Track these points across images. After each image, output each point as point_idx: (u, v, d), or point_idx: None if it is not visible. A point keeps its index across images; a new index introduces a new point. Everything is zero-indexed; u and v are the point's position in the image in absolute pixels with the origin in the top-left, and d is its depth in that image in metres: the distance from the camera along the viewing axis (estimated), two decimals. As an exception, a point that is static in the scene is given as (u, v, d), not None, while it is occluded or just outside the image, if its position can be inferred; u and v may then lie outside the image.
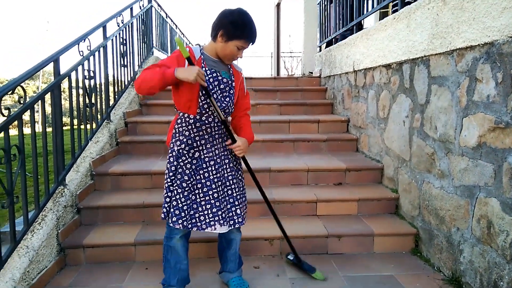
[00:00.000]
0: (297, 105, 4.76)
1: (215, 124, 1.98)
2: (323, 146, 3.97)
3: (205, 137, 1.98)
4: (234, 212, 2.05)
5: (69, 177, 2.86)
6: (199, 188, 1.98)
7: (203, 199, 1.98)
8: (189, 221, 1.99)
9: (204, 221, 1.98)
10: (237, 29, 1.86)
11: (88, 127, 3.24)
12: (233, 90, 2.02)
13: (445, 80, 2.39)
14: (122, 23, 4.11)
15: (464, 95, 2.20)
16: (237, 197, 2.06)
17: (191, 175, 1.97)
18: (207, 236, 2.57)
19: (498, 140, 1.93)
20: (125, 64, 4.24)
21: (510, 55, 1.82)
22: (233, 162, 2.10)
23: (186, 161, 1.97)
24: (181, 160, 1.96)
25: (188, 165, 1.97)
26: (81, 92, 3.08)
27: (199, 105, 1.92)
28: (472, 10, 2.07)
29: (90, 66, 3.21)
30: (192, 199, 1.99)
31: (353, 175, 3.36)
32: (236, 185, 2.07)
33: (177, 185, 1.96)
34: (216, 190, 1.99)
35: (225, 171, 2.04)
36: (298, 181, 3.34)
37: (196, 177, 1.98)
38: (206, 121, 1.95)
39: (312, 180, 3.34)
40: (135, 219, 2.88)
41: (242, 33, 1.87)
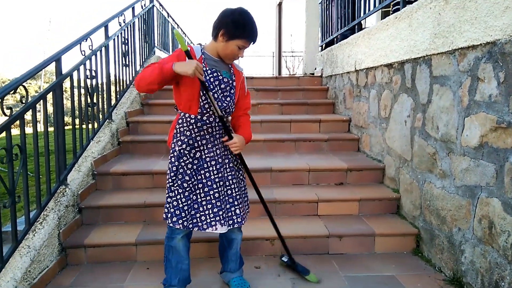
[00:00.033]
0: (298, 104, 4.75)
1: (216, 124, 1.97)
2: (325, 146, 3.96)
3: (206, 137, 1.98)
4: (233, 212, 2.05)
5: (70, 176, 2.87)
6: (200, 188, 1.99)
7: (204, 199, 1.99)
8: (190, 221, 1.99)
9: (205, 221, 1.99)
10: (238, 28, 1.85)
11: (90, 126, 3.25)
12: (234, 90, 2.02)
13: (447, 79, 2.38)
14: (124, 22, 4.11)
15: (466, 94, 2.19)
16: (237, 197, 2.06)
17: (192, 175, 1.97)
18: (208, 236, 2.57)
19: (500, 140, 1.92)
20: (127, 63, 4.24)
21: (512, 54, 1.82)
22: (233, 162, 2.10)
23: (187, 161, 1.97)
24: (182, 160, 1.96)
25: (189, 165, 1.97)
26: (82, 91, 3.08)
27: (200, 105, 1.92)
28: (474, 10, 2.06)
29: (92, 65, 3.22)
30: (193, 199, 1.99)
31: (354, 175, 3.35)
32: (236, 185, 2.07)
33: (178, 185, 1.96)
34: (217, 190, 1.99)
35: (226, 171, 2.04)
36: (299, 181, 3.34)
37: (197, 177, 1.98)
38: (207, 121, 1.95)
39: (313, 180, 3.34)
40: (136, 219, 2.89)
41: (243, 33, 1.87)
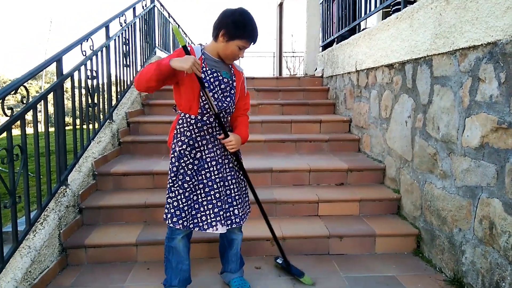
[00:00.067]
0: (299, 105, 4.75)
1: (216, 124, 1.98)
2: (325, 146, 3.96)
3: (206, 137, 1.98)
4: (232, 212, 2.05)
5: (71, 177, 2.87)
6: (201, 188, 1.99)
7: (205, 199, 1.99)
8: (191, 221, 1.99)
9: (206, 221, 1.99)
10: (238, 28, 1.85)
11: (91, 127, 3.25)
12: (234, 90, 2.02)
13: (447, 80, 2.38)
14: (125, 23, 4.11)
15: (467, 95, 2.18)
16: (236, 197, 2.06)
17: (193, 175, 1.97)
18: (208, 236, 2.57)
19: (500, 141, 1.92)
20: (128, 64, 4.25)
21: (513, 55, 1.82)
22: (233, 162, 2.10)
23: (188, 162, 1.97)
24: (182, 161, 1.96)
25: (190, 166, 1.97)
26: (83, 92, 3.09)
27: (200, 105, 1.92)
28: (476, 10, 2.06)
29: (92, 66, 3.22)
30: (194, 199, 1.99)
31: (355, 176, 3.35)
32: (235, 185, 2.07)
33: (179, 186, 1.96)
34: (218, 190, 1.99)
35: (225, 171, 2.04)
36: (300, 181, 3.33)
37: (198, 178, 1.98)
38: (207, 121, 1.95)
39: (314, 180, 3.34)
40: (136, 219, 2.89)
41: (243, 33, 1.87)
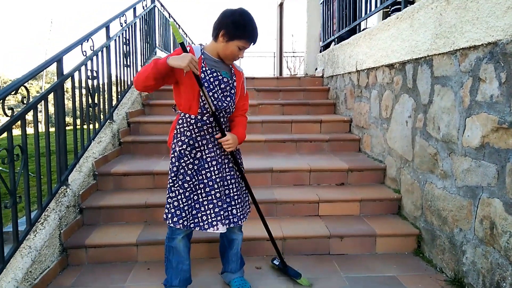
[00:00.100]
0: (299, 105, 4.75)
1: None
2: (326, 146, 3.96)
3: (206, 137, 1.98)
4: (230, 212, 2.05)
5: (71, 177, 2.87)
6: (201, 188, 1.99)
7: (205, 199, 1.99)
8: (191, 221, 1.99)
9: (206, 221, 1.99)
10: (238, 29, 1.85)
11: (91, 127, 3.25)
12: (234, 90, 2.02)
13: (448, 80, 2.38)
14: (125, 23, 4.11)
15: (467, 95, 2.18)
16: (234, 197, 2.06)
17: (193, 175, 1.98)
18: (208, 236, 2.57)
19: (501, 141, 1.92)
20: (128, 64, 4.25)
21: (514, 55, 1.81)
22: (233, 162, 2.09)
23: (188, 162, 1.97)
24: (183, 160, 1.96)
25: (190, 166, 1.97)
26: (84, 92, 3.09)
27: (200, 105, 1.92)
28: (476, 10, 2.05)
29: (93, 66, 3.23)
30: (194, 199, 1.99)
31: (355, 176, 3.35)
32: (234, 185, 2.07)
33: (179, 186, 1.96)
34: (218, 190, 1.99)
35: (225, 171, 2.04)
36: (300, 181, 3.33)
37: (198, 177, 1.98)
38: (207, 121, 1.95)
39: (314, 180, 3.34)
40: (137, 219, 2.89)
41: (243, 33, 1.87)
